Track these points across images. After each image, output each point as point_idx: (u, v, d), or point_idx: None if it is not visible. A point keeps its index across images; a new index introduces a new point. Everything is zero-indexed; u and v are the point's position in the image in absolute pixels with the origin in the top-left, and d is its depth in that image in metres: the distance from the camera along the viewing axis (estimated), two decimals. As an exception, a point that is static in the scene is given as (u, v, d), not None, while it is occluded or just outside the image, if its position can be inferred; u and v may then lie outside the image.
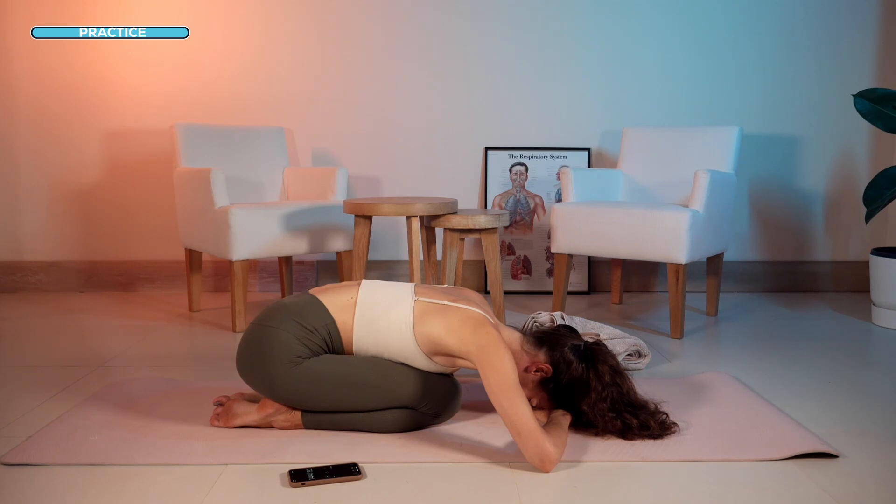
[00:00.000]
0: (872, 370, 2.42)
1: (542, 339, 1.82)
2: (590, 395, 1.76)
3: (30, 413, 1.96)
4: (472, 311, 1.77)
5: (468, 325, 1.72)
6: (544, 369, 1.77)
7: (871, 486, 1.54)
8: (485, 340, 1.68)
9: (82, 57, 3.65)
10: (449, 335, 1.73)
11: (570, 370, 1.76)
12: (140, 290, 3.75)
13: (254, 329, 1.81)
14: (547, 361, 1.78)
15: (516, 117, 3.73)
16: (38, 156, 3.70)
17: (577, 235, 2.97)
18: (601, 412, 1.75)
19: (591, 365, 1.77)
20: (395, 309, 1.79)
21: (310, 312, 1.79)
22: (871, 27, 3.66)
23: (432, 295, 1.83)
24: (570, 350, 1.78)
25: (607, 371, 1.76)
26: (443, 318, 1.76)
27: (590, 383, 1.76)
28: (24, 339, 2.81)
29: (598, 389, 1.75)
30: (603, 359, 1.78)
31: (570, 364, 1.76)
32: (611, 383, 1.75)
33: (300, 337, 1.76)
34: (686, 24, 3.67)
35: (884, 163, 3.68)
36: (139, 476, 1.58)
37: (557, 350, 1.78)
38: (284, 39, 3.67)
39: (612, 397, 1.75)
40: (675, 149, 3.32)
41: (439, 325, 1.75)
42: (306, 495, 1.48)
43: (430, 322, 1.76)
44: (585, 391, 1.76)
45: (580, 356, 1.78)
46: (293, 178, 3.49)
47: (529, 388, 1.80)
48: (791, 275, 3.78)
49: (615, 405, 1.75)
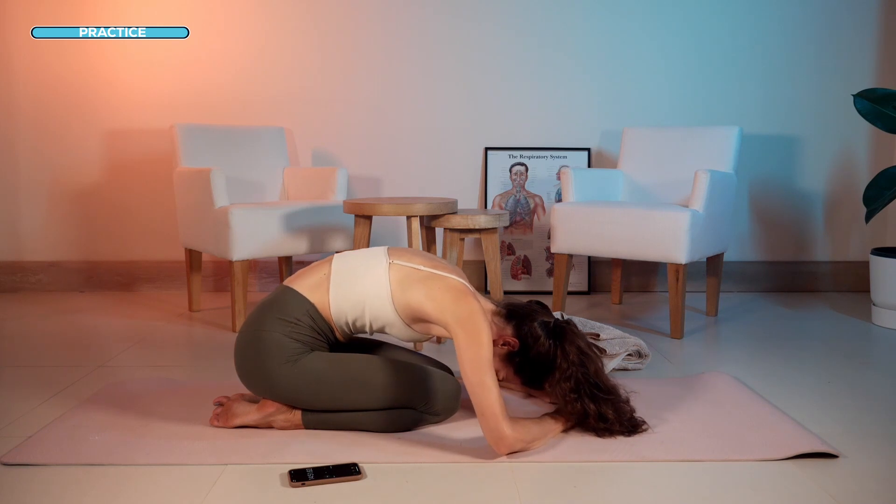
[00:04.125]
0: (872, 370, 2.42)
1: (513, 313, 1.81)
2: (554, 373, 1.74)
3: (30, 413, 1.96)
4: (453, 280, 1.76)
5: (450, 294, 1.72)
6: (511, 343, 1.76)
7: (871, 486, 1.54)
8: (465, 313, 1.67)
9: (82, 57, 3.65)
10: (429, 303, 1.72)
11: (537, 346, 1.75)
12: (140, 290, 3.75)
13: (242, 336, 1.81)
14: (514, 335, 1.78)
15: (516, 117, 3.73)
16: (38, 156, 3.70)
17: (577, 235, 2.97)
18: (563, 392, 1.73)
19: (559, 342, 1.75)
20: (370, 274, 1.78)
21: (287, 304, 1.79)
22: (871, 27, 3.66)
23: (408, 258, 1.82)
24: (538, 326, 1.77)
25: (574, 350, 1.74)
26: (424, 285, 1.75)
27: (555, 361, 1.74)
28: (24, 339, 2.81)
29: (563, 368, 1.73)
30: (571, 338, 1.76)
31: (538, 339, 1.75)
32: (576, 363, 1.73)
33: (287, 333, 1.76)
34: (686, 24, 3.67)
35: (884, 163, 3.68)
36: (139, 476, 1.57)
37: (526, 325, 1.77)
38: (284, 39, 3.67)
39: (576, 377, 1.72)
40: (675, 149, 3.32)
41: (420, 293, 1.74)
42: (306, 495, 1.48)
43: (411, 289, 1.75)
44: (550, 368, 1.75)
45: (548, 333, 1.76)
46: (293, 178, 3.49)
47: (496, 361, 1.79)
48: (791, 275, 3.78)
49: (579, 386, 1.72)
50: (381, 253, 1.84)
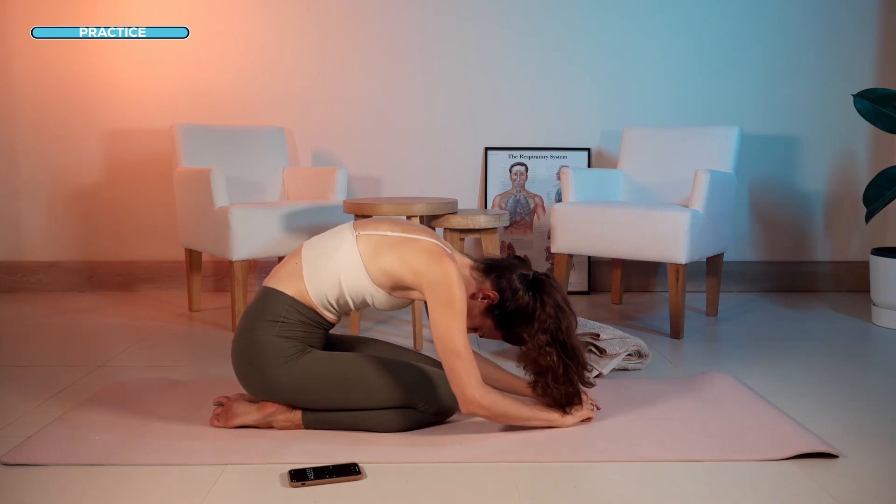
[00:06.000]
0: (872, 370, 2.42)
1: (492, 267, 1.81)
2: (532, 324, 1.74)
3: (30, 413, 1.96)
4: (425, 241, 1.77)
5: (422, 256, 1.72)
6: (490, 296, 1.77)
7: (871, 486, 1.54)
8: (438, 275, 1.68)
9: (82, 57, 3.65)
10: (402, 267, 1.73)
11: (516, 298, 1.75)
12: (140, 290, 3.75)
13: (237, 345, 1.81)
14: (493, 288, 1.78)
15: (516, 117, 3.73)
16: (38, 156, 3.70)
17: (577, 235, 2.97)
18: (540, 344, 1.73)
19: (538, 294, 1.76)
20: (340, 250, 1.78)
21: (269, 305, 1.79)
22: (871, 27, 3.66)
23: (374, 227, 1.82)
24: (517, 278, 1.77)
25: (551, 303, 1.74)
26: (396, 250, 1.75)
27: (534, 313, 1.74)
28: (24, 339, 2.81)
29: (542, 319, 1.73)
30: (549, 291, 1.76)
31: (516, 292, 1.75)
32: (553, 315, 1.73)
33: (277, 333, 1.76)
34: (686, 24, 3.67)
35: (884, 163, 3.68)
36: (139, 476, 1.57)
37: (505, 277, 1.78)
38: (284, 39, 3.67)
39: (551, 330, 1.73)
40: (675, 149, 3.32)
41: (392, 258, 1.75)
42: (306, 495, 1.48)
43: (382, 256, 1.76)
44: (529, 320, 1.75)
45: (527, 285, 1.77)
46: (293, 178, 3.49)
47: (475, 316, 1.79)
48: (791, 275, 3.78)
49: (554, 338, 1.73)
50: (346, 228, 1.84)
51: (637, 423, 1.86)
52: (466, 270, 1.82)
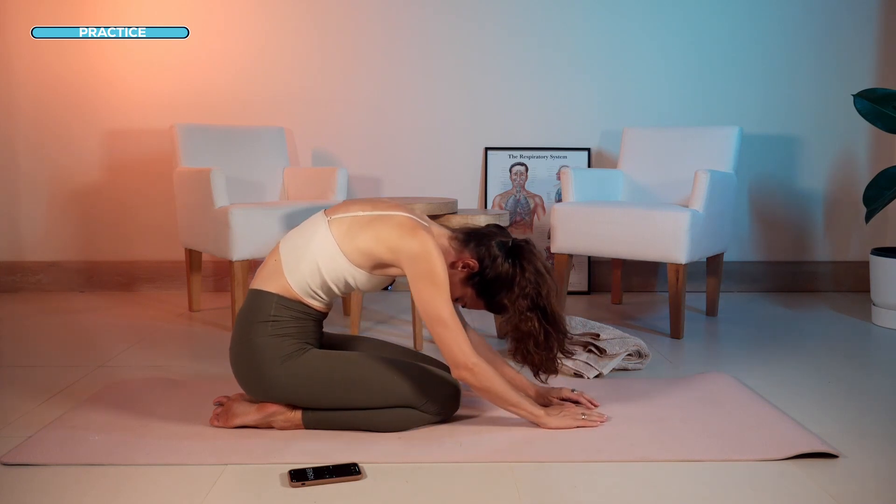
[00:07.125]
0: (872, 370, 2.42)
1: (471, 235, 1.82)
2: (513, 290, 1.75)
3: (30, 413, 1.96)
4: (399, 216, 1.77)
5: (397, 231, 1.73)
6: (470, 265, 1.77)
7: (871, 486, 1.54)
8: (416, 248, 1.69)
9: (82, 57, 3.65)
10: (379, 245, 1.74)
11: (495, 265, 1.76)
12: (140, 290, 3.75)
13: (234, 350, 1.82)
14: (473, 257, 1.78)
15: (516, 117, 3.73)
16: (38, 156, 3.70)
17: (577, 235, 2.97)
18: (521, 310, 1.74)
19: (517, 261, 1.77)
20: (314, 238, 1.78)
21: (258, 306, 1.79)
22: (871, 27, 3.66)
23: (345, 209, 1.82)
24: (496, 245, 1.78)
25: (531, 269, 1.76)
26: (370, 228, 1.76)
27: (514, 279, 1.75)
28: (24, 339, 2.81)
29: (522, 285, 1.74)
30: (529, 257, 1.78)
31: (496, 259, 1.76)
32: (533, 281, 1.74)
33: (271, 332, 1.76)
34: (686, 24, 3.67)
35: (884, 163, 3.68)
36: (139, 476, 1.58)
37: (484, 245, 1.78)
38: (284, 39, 3.67)
39: (531, 296, 1.74)
40: (675, 149, 3.32)
41: (368, 237, 1.75)
42: (306, 495, 1.48)
43: (358, 236, 1.76)
44: (509, 287, 1.76)
45: (506, 252, 1.78)
46: (293, 178, 3.49)
47: (456, 285, 1.80)
48: (791, 275, 3.78)
49: (535, 303, 1.74)
50: (318, 217, 1.84)
51: (637, 423, 1.85)
52: (445, 240, 1.82)
